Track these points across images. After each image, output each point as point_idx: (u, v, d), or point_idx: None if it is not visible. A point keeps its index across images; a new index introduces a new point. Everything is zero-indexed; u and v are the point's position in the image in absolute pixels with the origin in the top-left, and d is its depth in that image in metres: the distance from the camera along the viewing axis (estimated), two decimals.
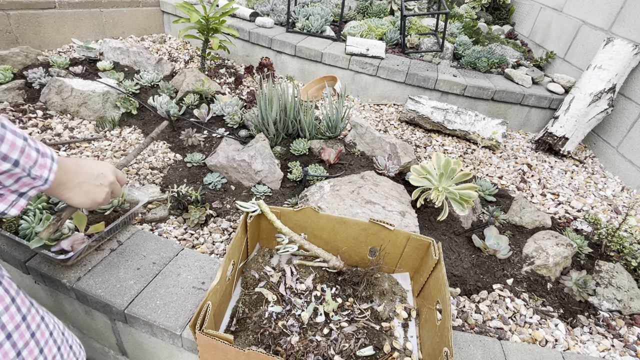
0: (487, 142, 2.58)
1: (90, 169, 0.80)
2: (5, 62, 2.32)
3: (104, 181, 0.83)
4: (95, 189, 0.81)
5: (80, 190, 0.77)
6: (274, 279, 1.19)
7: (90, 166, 0.81)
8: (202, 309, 0.86)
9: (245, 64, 3.48)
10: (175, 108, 2.24)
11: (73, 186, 0.75)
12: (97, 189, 0.81)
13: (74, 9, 3.07)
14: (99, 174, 0.82)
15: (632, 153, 2.52)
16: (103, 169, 0.84)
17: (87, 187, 0.79)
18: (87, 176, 0.78)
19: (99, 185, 0.82)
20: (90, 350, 1.46)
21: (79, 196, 0.77)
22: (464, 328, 1.31)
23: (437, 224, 1.71)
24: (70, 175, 0.74)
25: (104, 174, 0.83)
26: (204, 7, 2.62)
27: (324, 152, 1.92)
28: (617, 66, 2.55)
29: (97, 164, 0.84)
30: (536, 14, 4.04)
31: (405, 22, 3.21)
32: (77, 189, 0.76)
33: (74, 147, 1.94)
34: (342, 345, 1.02)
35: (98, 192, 0.81)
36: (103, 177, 0.83)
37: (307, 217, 1.23)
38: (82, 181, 0.77)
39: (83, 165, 0.79)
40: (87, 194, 0.79)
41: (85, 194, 0.78)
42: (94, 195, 0.81)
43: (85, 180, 0.78)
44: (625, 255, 1.68)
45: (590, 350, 1.32)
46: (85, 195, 0.78)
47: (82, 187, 0.77)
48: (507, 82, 3.11)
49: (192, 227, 1.56)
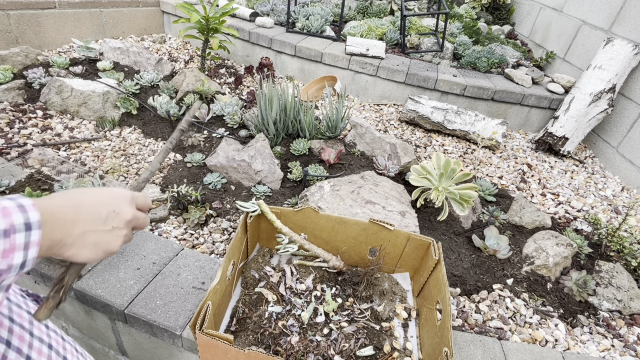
0: (487, 142, 2.58)
1: (97, 208, 0.59)
2: (5, 62, 2.32)
3: (118, 222, 0.61)
4: (107, 237, 0.59)
5: (85, 244, 0.57)
6: (274, 279, 1.19)
7: (95, 204, 0.59)
8: (202, 309, 0.86)
9: (245, 64, 3.48)
10: (175, 108, 2.24)
11: (72, 241, 0.55)
12: (108, 236, 0.60)
13: (74, 9, 3.07)
14: (109, 214, 0.60)
15: (632, 153, 2.52)
16: (115, 203, 0.61)
17: (94, 237, 0.58)
18: (92, 222, 0.58)
19: (111, 230, 0.60)
20: (90, 350, 1.46)
21: (84, 252, 0.57)
22: (464, 328, 1.31)
23: (437, 224, 1.71)
24: (66, 227, 0.54)
25: (116, 211, 0.61)
26: (204, 7, 2.62)
27: (324, 152, 1.92)
28: (617, 66, 2.55)
29: (105, 198, 0.61)
30: (536, 14, 4.04)
31: (405, 22, 3.21)
32: (80, 242, 0.56)
33: (74, 147, 1.94)
34: (342, 345, 1.02)
35: (111, 240, 0.60)
36: (116, 216, 0.61)
37: (307, 217, 1.23)
38: (85, 231, 0.56)
39: (84, 205, 0.57)
40: (95, 246, 0.58)
41: (92, 247, 0.58)
42: (106, 245, 0.59)
43: (90, 229, 0.57)
44: (625, 255, 1.68)
45: (590, 350, 1.32)
46: (92, 248, 0.58)
47: (87, 239, 0.57)
48: (507, 82, 3.11)
49: (192, 227, 1.56)
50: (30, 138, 1.92)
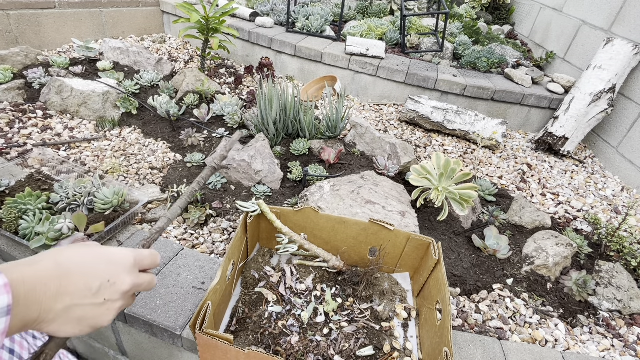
0: (487, 142, 2.58)
1: (88, 278, 0.49)
2: (5, 62, 2.32)
3: (111, 294, 0.52)
4: (96, 312, 0.50)
5: (68, 320, 0.48)
6: (274, 279, 1.19)
7: (87, 274, 0.50)
8: (202, 309, 0.86)
9: (245, 64, 3.48)
10: (175, 108, 2.24)
11: (54, 317, 0.46)
12: (98, 311, 0.51)
13: (74, 9, 3.07)
14: (102, 285, 0.50)
15: (632, 153, 2.52)
16: (112, 272, 0.52)
17: (80, 312, 0.49)
18: (80, 294, 0.48)
19: (102, 303, 0.51)
20: (90, 350, 1.46)
21: (67, 328, 0.48)
22: (464, 328, 1.31)
23: (437, 224, 1.71)
24: (47, 303, 0.45)
25: (111, 281, 0.52)
26: (204, 7, 2.62)
27: (324, 152, 1.92)
28: (617, 66, 2.55)
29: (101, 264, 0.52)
30: (536, 14, 4.04)
31: (405, 22, 3.21)
32: (62, 318, 0.47)
33: (74, 147, 1.94)
34: (342, 345, 1.02)
35: (100, 315, 0.51)
36: (111, 286, 0.52)
37: (307, 217, 1.23)
38: (70, 305, 0.47)
39: (74, 274, 0.48)
40: (80, 321, 0.49)
41: (77, 322, 0.49)
42: (94, 320, 0.51)
43: (77, 303, 0.48)
44: (625, 255, 1.68)
45: (590, 350, 1.32)
46: (77, 324, 0.49)
47: (71, 314, 0.48)
48: (507, 82, 3.11)
49: (192, 227, 1.56)
50: (30, 138, 1.92)
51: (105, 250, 0.54)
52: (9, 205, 1.23)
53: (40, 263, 0.47)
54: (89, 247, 0.53)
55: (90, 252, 0.52)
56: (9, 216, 1.20)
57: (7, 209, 1.22)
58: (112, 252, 0.54)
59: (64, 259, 0.49)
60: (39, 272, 0.46)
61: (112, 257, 0.53)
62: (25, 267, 0.45)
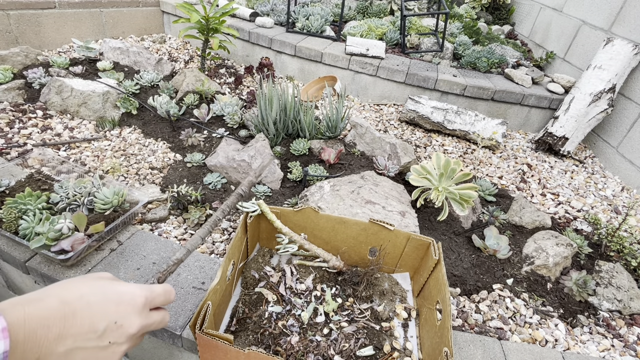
0: (487, 142, 2.58)
1: (94, 320, 0.46)
2: (5, 62, 2.32)
3: (117, 337, 0.48)
4: (99, 355, 0.47)
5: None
6: (274, 279, 1.19)
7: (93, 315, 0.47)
8: (202, 309, 0.86)
9: (245, 64, 3.48)
10: (175, 108, 2.24)
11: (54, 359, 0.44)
12: (101, 354, 0.47)
13: (74, 9, 3.07)
14: (108, 326, 0.47)
15: (632, 153, 2.52)
16: (120, 313, 0.49)
17: (83, 356, 0.46)
18: (84, 336, 0.45)
19: (107, 346, 0.48)
20: None
21: None
22: (464, 328, 1.31)
23: (437, 224, 1.71)
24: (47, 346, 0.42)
25: (118, 323, 0.48)
26: (204, 7, 2.62)
27: (324, 152, 1.92)
28: (617, 66, 2.55)
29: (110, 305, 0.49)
30: (536, 14, 4.04)
31: (405, 22, 3.21)
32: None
33: (74, 147, 1.94)
34: (342, 345, 1.02)
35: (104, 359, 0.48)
36: (117, 328, 0.48)
37: (307, 217, 1.23)
38: (72, 348, 0.44)
39: (79, 314, 0.45)
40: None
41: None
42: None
43: (80, 345, 0.45)
44: (625, 255, 1.68)
45: (590, 350, 1.32)
46: None
47: (72, 357, 0.45)
48: (507, 82, 3.11)
49: (192, 227, 1.56)
50: (30, 138, 1.92)
51: (115, 287, 0.51)
52: (9, 205, 1.23)
53: (45, 300, 0.44)
54: (98, 283, 0.51)
55: (99, 289, 0.50)
56: (9, 216, 1.20)
57: (7, 209, 1.22)
58: (122, 291, 0.51)
59: (70, 297, 0.46)
60: (42, 312, 0.43)
61: (122, 296, 0.50)
62: (27, 305, 0.42)
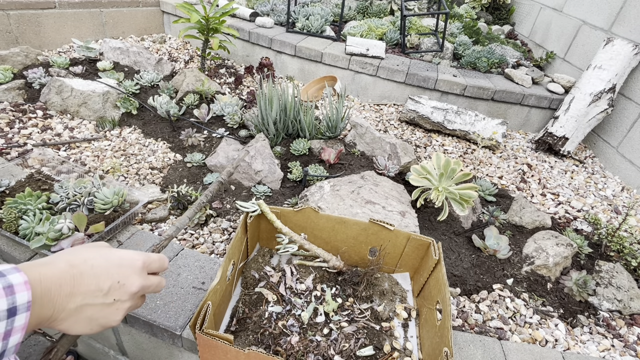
0: (487, 142, 2.58)
1: (99, 279, 0.52)
2: (5, 62, 2.32)
3: (121, 294, 0.54)
4: (105, 311, 0.53)
5: (79, 319, 0.50)
6: (274, 279, 1.19)
7: (98, 275, 0.52)
8: (202, 309, 0.86)
9: (245, 64, 3.48)
10: (175, 108, 2.24)
11: (65, 315, 0.49)
12: (107, 310, 0.53)
13: (74, 9, 3.07)
14: (112, 286, 0.53)
15: (632, 153, 2.52)
16: (122, 274, 0.54)
17: (91, 312, 0.51)
18: (91, 294, 0.51)
19: (112, 303, 0.53)
20: (90, 350, 1.46)
21: (77, 326, 0.51)
22: (464, 328, 1.31)
23: (437, 224, 1.71)
24: (60, 302, 0.47)
25: (121, 282, 0.54)
26: (204, 7, 2.62)
27: (324, 152, 1.92)
28: (617, 66, 2.55)
29: (112, 267, 0.54)
30: (536, 14, 4.04)
31: (405, 22, 3.21)
32: (74, 317, 0.50)
33: (74, 147, 1.94)
34: (342, 345, 1.02)
35: (110, 315, 0.54)
36: (120, 287, 0.54)
37: (307, 217, 1.23)
38: (81, 305, 0.50)
39: (86, 275, 0.51)
40: (90, 321, 0.52)
41: (87, 321, 0.51)
42: (104, 320, 0.53)
43: (88, 302, 0.51)
44: (625, 255, 1.68)
45: (590, 350, 1.32)
46: (87, 323, 0.52)
47: (82, 313, 0.50)
48: (507, 82, 3.11)
49: (192, 227, 1.57)
50: (30, 138, 1.92)
51: (116, 252, 0.56)
52: (9, 205, 1.23)
53: (55, 264, 0.49)
54: (100, 249, 0.55)
55: (101, 254, 0.55)
56: (9, 216, 1.20)
57: (7, 209, 1.22)
58: (122, 255, 0.56)
59: (76, 260, 0.52)
60: (54, 273, 0.48)
61: (122, 260, 0.56)
62: (41, 267, 0.47)
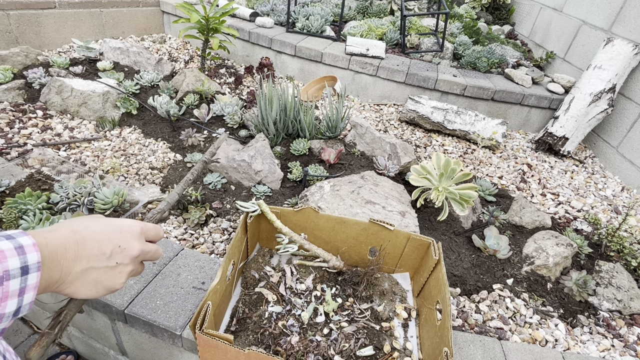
0: (487, 142, 2.58)
1: (101, 244, 0.55)
2: (5, 62, 2.32)
3: (122, 258, 0.57)
4: (109, 274, 0.56)
5: (85, 282, 0.54)
6: (274, 279, 1.19)
7: (100, 240, 0.55)
8: (202, 309, 0.86)
9: (245, 64, 3.48)
10: (175, 108, 2.24)
11: (72, 278, 0.52)
12: (111, 273, 0.56)
13: (74, 9, 3.07)
14: (114, 250, 0.56)
15: (632, 153, 2.52)
16: (122, 238, 0.58)
17: (96, 275, 0.54)
18: (95, 258, 0.54)
19: (115, 266, 0.57)
20: (91, 350, 1.46)
21: (84, 289, 0.54)
22: (464, 328, 1.31)
23: (437, 224, 1.71)
24: (66, 265, 0.51)
25: (122, 246, 0.57)
26: (204, 7, 2.62)
27: (324, 152, 1.92)
28: (617, 66, 2.55)
29: (112, 233, 0.57)
30: (536, 14, 4.03)
31: (405, 22, 3.21)
32: (80, 280, 0.53)
33: (74, 147, 1.94)
34: (342, 345, 1.02)
35: (114, 278, 0.57)
36: (121, 251, 0.57)
37: (307, 217, 1.23)
38: (86, 268, 0.53)
39: (88, 240, 0.54)
40: (96, 283, 0.55)
41: (93, 284, 0.55)
42: (108, 282, 0.56)
43: (92, 266, 0.54)
44: (625, 255, 1.68)
45: (590, 350, 1.32)
46: (93, 286, 0.55)
47: (88, 276, 0.54)
48: (507, 82, 3.11)
49: (192, 227, 1.56)
50: (30, 138, 1.92)
51: (114, 220, 0.60)
52: (9, 205, 1.23)
53: (58, 230, 0.52)
54: (99, 218, 0.59)
55: (101, 221, 0.58)
56: (9, 216, 1.20)
57: (7, 209, 1.22)
58: (121, 223, 0.60)
59: (78, 227, 0.55)
60: (58, 238, 0.51)
61: (122, 226, 0.59)
62: (46, 233, 0.50)
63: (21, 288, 0.43)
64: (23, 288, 0.43)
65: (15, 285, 0.42)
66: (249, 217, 1.17)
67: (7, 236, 0.43)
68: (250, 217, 1.17)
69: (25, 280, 0.43)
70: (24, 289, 0.43)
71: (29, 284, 0.44)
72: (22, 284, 0.43)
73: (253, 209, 1.18)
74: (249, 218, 1.16)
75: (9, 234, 0.44)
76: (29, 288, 0.44)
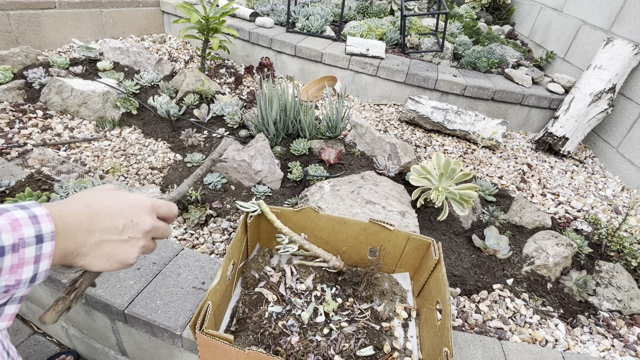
0: (487, 142, 2.58)
1: (114, 218, 0.55)
2: (5, 62, 2.32)
3: (135, 232, 0.57)
4: (122, 247, 0.56)
5: (99, 254, 0.54)
6: (274, 279, 1.19)
7: (113, 214, 0.55)
8: (202, 309, 0.86)
9: (245, 64, 3.48)
10: (175, 108, 2.24)
11: (87, 250, 0.53)
12: (124, 247, 0.57)
13: (74, 9, 3.07)
14: (126, 224, 0.56)
15: (632, 153, 2.52)
16: (134, 213, 0.58)
17: (109, 248, 0.55)
18: (108, 231, 0.54)
19: (127, 240, 0.57)
20: (91, 350, 1.46)
21: (98, 262, 0.55)
22: (464, 328, 1.31)
23: (437, 224, 1.71)
24: (80, 237, 0.51)
25: (134, 221, 0.57)
26: (204, 7, 2.62)
27: (324, 152, 1.92)
28: (617, 66, 2.55)
29: (125, 207, 0.58)
30: (536, 14, 4.04)
31: (405, 22, 3.21)
32: (94, 252, 0.54)
33: (74, 147, 1.94)
34: (342, 345, 1.02)
35: (127, 251, 0.57)
36: (134, 226, 0.57)
37: (307, 217, 1.23)
38: (100, 240, 0.54)
39: (101, 214, 0.54)
40: (109, 256, 0.56)
41: (106, 257, 0.55)
42: (121, 256, 0.57)
43: (106, 239, 0.54)
44: (625, 255, 1.68)
45: (590, 350, 1.32)
46: (107, 259, 0.55)
47: (102, 249, 0.54)
48: (507, 82, 3.11)
49: (192, 227, 1.56)
50: (30, 138, 1.92)
51: (127, 194, 0.60)
52: None
53: (71, 204, 0.53)
54: (111, 191, 0.60)
55: (113, 195, 0.58)
56: None
57: None
58: (133, 198, 0.60)
59: (91, 201, 0.55)
60: (71, 211, 0.51)
61: (134, 201, 0.59)
62: (59, 206, 0.50)
63: (36, 256, 0.44)
64: (38, 256, 0.44)
65: (31, 252, 0.43)
66: (249, 217, 1.17)
67: (22, 206, 0.44)
68: (250, 217, 1.17)
69: (40, 248, 0.44)
70: (39, 257, 0.44)
71: (44, 252, 0.45)
72: (37, 252, 0.44)
73: (253, 209, 1.18)
74: (249, 218, 1.16)
75: (23, 204, 0.45)
76: (44, 256, 0.45)
